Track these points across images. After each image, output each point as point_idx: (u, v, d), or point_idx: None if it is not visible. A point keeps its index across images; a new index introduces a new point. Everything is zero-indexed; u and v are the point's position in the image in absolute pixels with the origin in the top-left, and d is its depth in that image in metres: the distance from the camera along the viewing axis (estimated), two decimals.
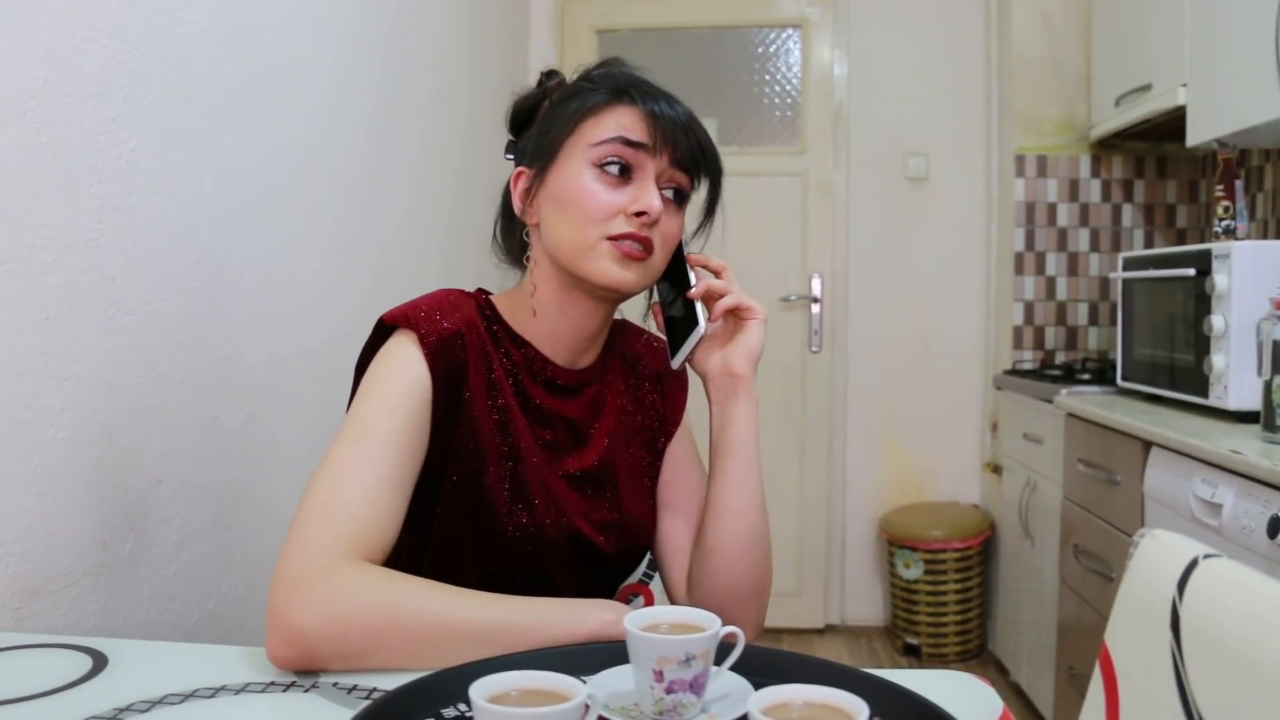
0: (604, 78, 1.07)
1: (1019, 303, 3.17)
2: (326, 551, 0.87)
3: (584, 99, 1.05)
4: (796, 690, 0.68)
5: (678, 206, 1.06)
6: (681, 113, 1.05)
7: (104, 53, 1.14)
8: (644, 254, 1.02)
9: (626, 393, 1.17)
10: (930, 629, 3.21)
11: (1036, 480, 2.71)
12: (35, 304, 1.05)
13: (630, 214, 1.01)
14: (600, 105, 1.03)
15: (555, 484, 1.07)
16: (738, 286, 1.12)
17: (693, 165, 1.06)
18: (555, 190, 1.04)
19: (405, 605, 0.86)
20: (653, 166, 1.03)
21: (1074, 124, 3.11)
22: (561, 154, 1.04)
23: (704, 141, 1.06)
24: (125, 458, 1.20)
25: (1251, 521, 1.56)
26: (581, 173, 1.02)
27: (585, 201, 1.01)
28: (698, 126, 1.06)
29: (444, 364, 1.00)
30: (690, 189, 1.08)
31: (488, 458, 1.03)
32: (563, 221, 1.03)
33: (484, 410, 1.03)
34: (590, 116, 1.03)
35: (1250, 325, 1.90)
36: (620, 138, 1.01)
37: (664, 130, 1.02)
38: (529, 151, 1.08)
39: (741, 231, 3.42)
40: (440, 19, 2.47)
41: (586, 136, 1.03)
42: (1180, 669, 0.56)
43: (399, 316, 1.02)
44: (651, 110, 1.03)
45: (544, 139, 1.06)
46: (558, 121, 1.05)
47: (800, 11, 3.48)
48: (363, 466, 0.93)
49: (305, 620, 0.83)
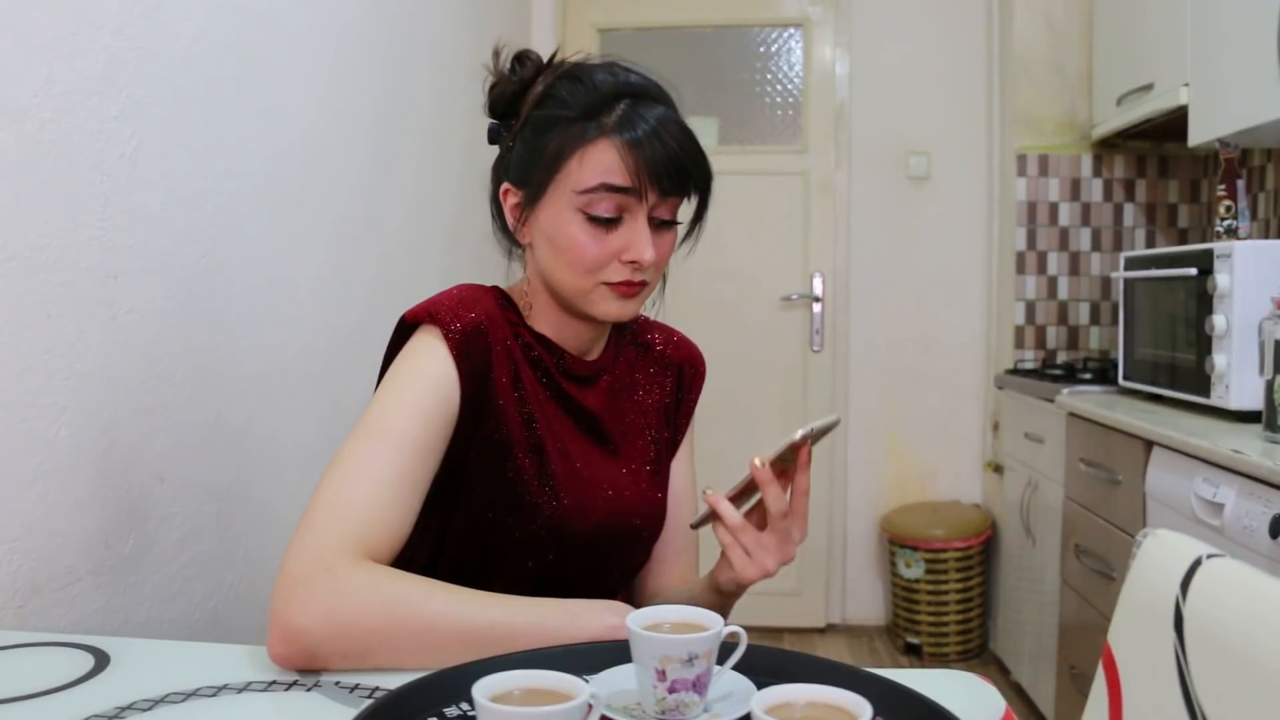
0: (581, 96, 1.01)
1: (1020, 302, 3.16)
2: (330, 551, 0.87)
3: (564, 134, 1.00)
4: (799, 690, 0.68)
5: (669, 228, 1.05)
6: (667, 132, 0.99)
7: (106, 51, 1.14)
8: (641, 286, 1.04)
9: (642, 381, 1.18)
10: (931, 628, 3.21)
11: (1038, 480, 2.71)
12: (37, 302, 1.05)
13: (624, 261, 1.01)
14: (580, 144, 0.99)
15: (582, 473, 1.07)
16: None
17: (682, 190, 1.03)
18: (546, 230, 1.03)
19: (407, 605, 0.86)
20: (642, 207, 1.00)
21: (1075, 123, 3.10)
22: (548, 193, 1.02)
23: (691, 161, 1.01)
24: (127, 456, 1.20)
25: (1253, 521, 1.56)
26: (570, 221, 1.00)
27: (578, 253, 1.01)
28: (683, 139, 1.01)
29: (470, 358, 1.00)
30: (679, 208, 1.06)
31: (515, 449, 1.03)
32: (557, 265, 1.03)
33: (510, 402, 1.03)
34: (572, 156, 1.00)
35: (1252, 325, 1.89)
36: (604, 184, 0.99)
37: (649, 168, 0.98)
38: (513, 168, 1.06)
39: (743, 231, 3.46)
40: (442, 18, 2.47)
41: (570, 180, 1.00)
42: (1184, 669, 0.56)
43: (422, 313, 1.02)
44: (634, 142, 0.98)
45: (527, 171, 1.04)
46: (541, 157, 1.02)
47: (802, 10, 3.47)
48: (375, 466, 0.93)
49: (306, 619, 0.83)
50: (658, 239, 1.02)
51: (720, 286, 3.42)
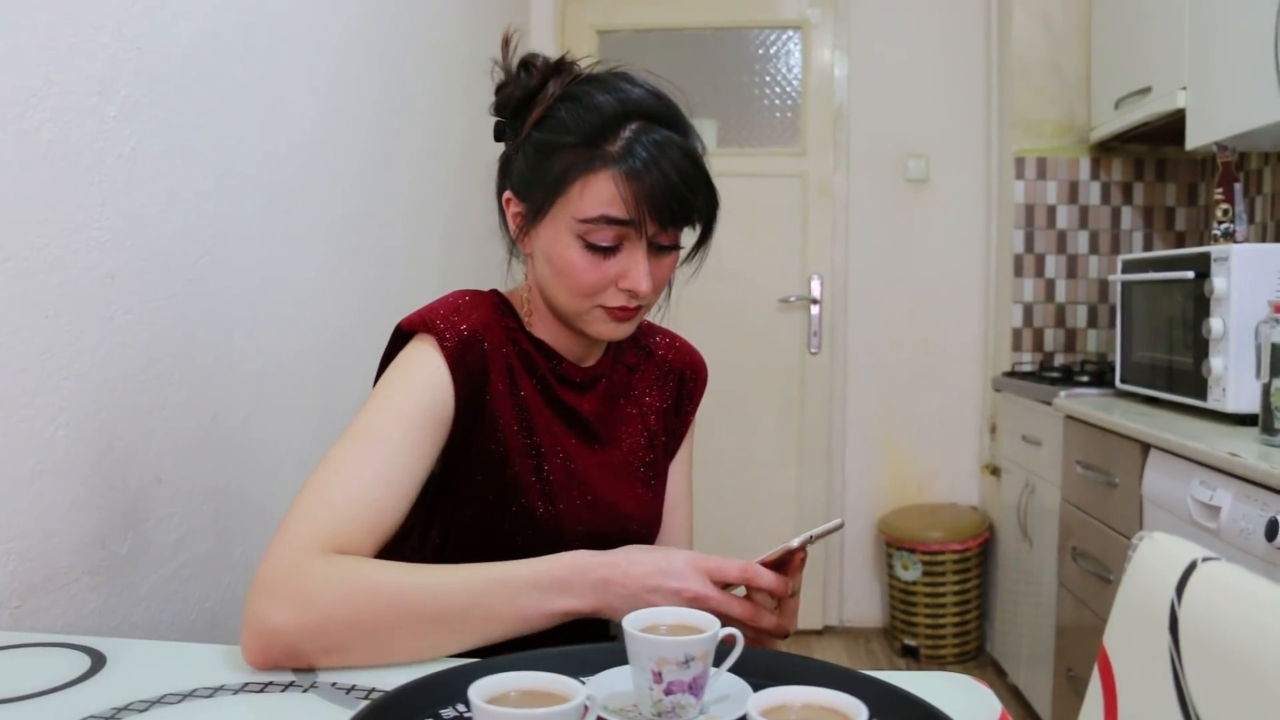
0: (583, 119, 0.99)
1: (1018, 305, 3.17)
2: (300, 551, 0.87)
3: (566, 160, 0.99)
4: (795, 692, 0.68)
5: (669, 251, 1.03)
6: (669, 162, 0.97)
7: (105, 51, 1.14)
8: (638, 310, 1.04)
9: (643, 384, 1.18)
10: (928, 631, 3.21)
11: (1035, 482, 2.71)
12: (35, 302, 1.05)
13: (621, 288, 1.01)
14: (583, 173, 0.98)
15: (578, 477, 1.08)
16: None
17: (683, 220, 1.01)
18: (545, 249, 1.03)
19: (373, 591, 0.86)
20: (640, 237, 0.99)
21: (1074, 126, 3.11)
22: (548, 214, 1.01)
23: (692, 192, 0.99)
24: (124, 456, 1.20)
25: (1250, 524, 1.56)
26: (569, 246, 1.00)
27: (576, 276, 1.00)
28: (687, 169, 0.98)
29: (465, 367, 1.00)
30: (682, 233, 1.04)
31: (512, 456, 1.03)
32: (556, 285, 1.03)
33: (507, 409, 1.03)
34: (574, 184, 0.98)
35: (1249, 328, 1.90)
36: (604, 216, 0.98)
37: (650, 201, 0.97)
38: (515, 179, 1.05)
39: (741, 233, 3.46)
40: (441, 19, 2.47)
41: (571, 207, 0.99)
42: (1179, 672, 0.56)
43: (417, 321, 1.02)
44: (634, 173, 0.96)
45: (529, 188, 1.03)
46: (542, 178, 1.01)
47: (801, 13, 3.48)
48: (356, 467, 0.93)
49: (275, 620, 0.84)
50: (657, 264, 1.01)
51: (718, 288, 3.42)
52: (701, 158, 1.02)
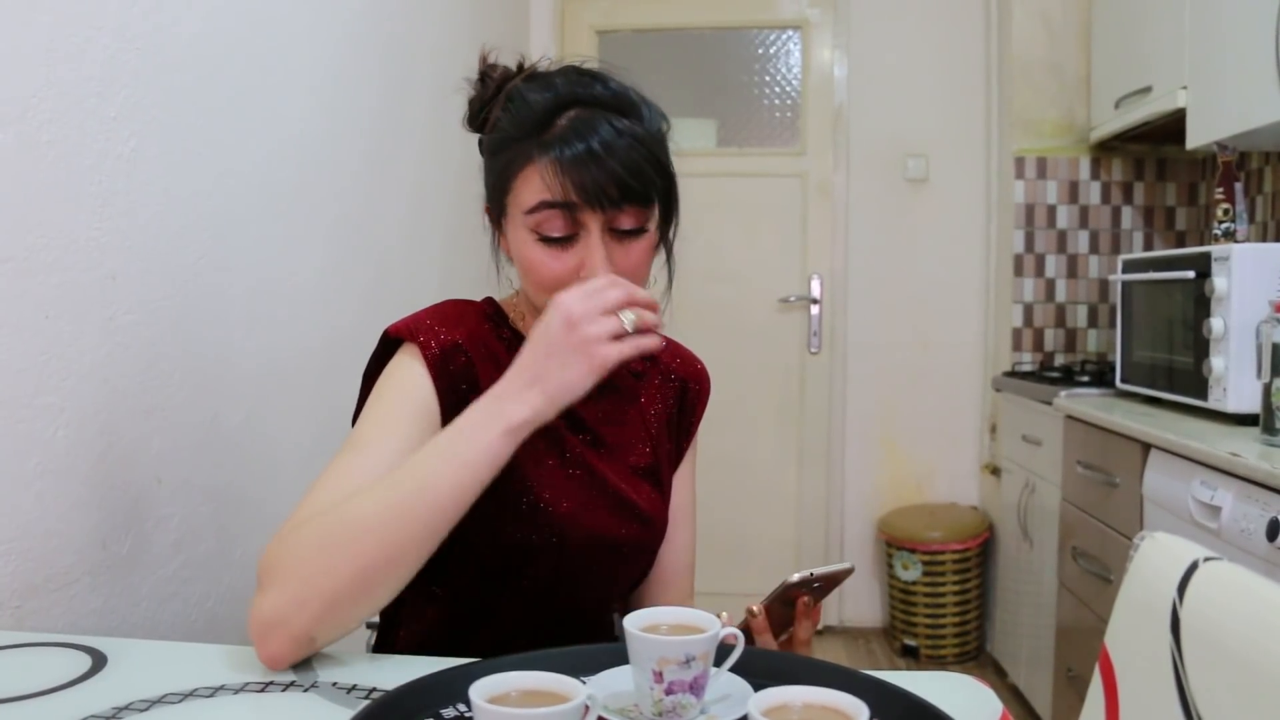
0: (520, 116, 0.99)
1: (1018, 304, 3.17)
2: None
3: (508, 157, 1.00)
4: (796, 692, 0.68)
5: (635, 236, 1.00)
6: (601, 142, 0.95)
7: (105, 52, 1.14)
8: None
9: (645, 391, 1.18)
10: (928, 630, 3.21)
11: (1035, 482, 2.71)
12: (35, 303, 1.04)
13: (583, 278, 0.98)
14: (521, 165, 0.98)
15: (578, 480, 1.07)
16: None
17: (629, 200, 0.97)
18: (513, 252, 1.03)
19: (325, 521, 0.87)
20: (592, 221, 0.97)
21: (1074, 126, 3.11)
22: (507, 215, 1.02)
23: (631, 171, 0.96)
24: (124, 457, 1.20)
25: (1250, 524, 1.56)
26: (525, 242, 0.99)
27: (537, 272, 1.00)
28: (624, 148, 0.96)
29: (448, 376, 1.01)
30: (646, 216, 1.00)
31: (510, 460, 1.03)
32: (528, 285, 1.04)
33: None
34: (516, 178, 0.99)
35: (1249, 328, 1.90)
36: (543, 203, 0.96)
37: (584, 182, 0.95)
38: (485, 188, 1.07)
39: (741, 233, 3.46)
40: (439, 20, 2.47)
41: (519, 201, 0.99)
42: (1180, 671, 0.56)
43: (402, 329, 1.03)
44: (566, 158, 0.95)
45: (490, 193, 1.04)
46: (494, 179, 1.03)
47: (800, 13, 3.48)
48: (343, 476, 0.94)
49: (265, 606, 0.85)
50: (622, 249, 0.99)
51: (718, 288, 3.42)
52: (651, 137, 1.00)
